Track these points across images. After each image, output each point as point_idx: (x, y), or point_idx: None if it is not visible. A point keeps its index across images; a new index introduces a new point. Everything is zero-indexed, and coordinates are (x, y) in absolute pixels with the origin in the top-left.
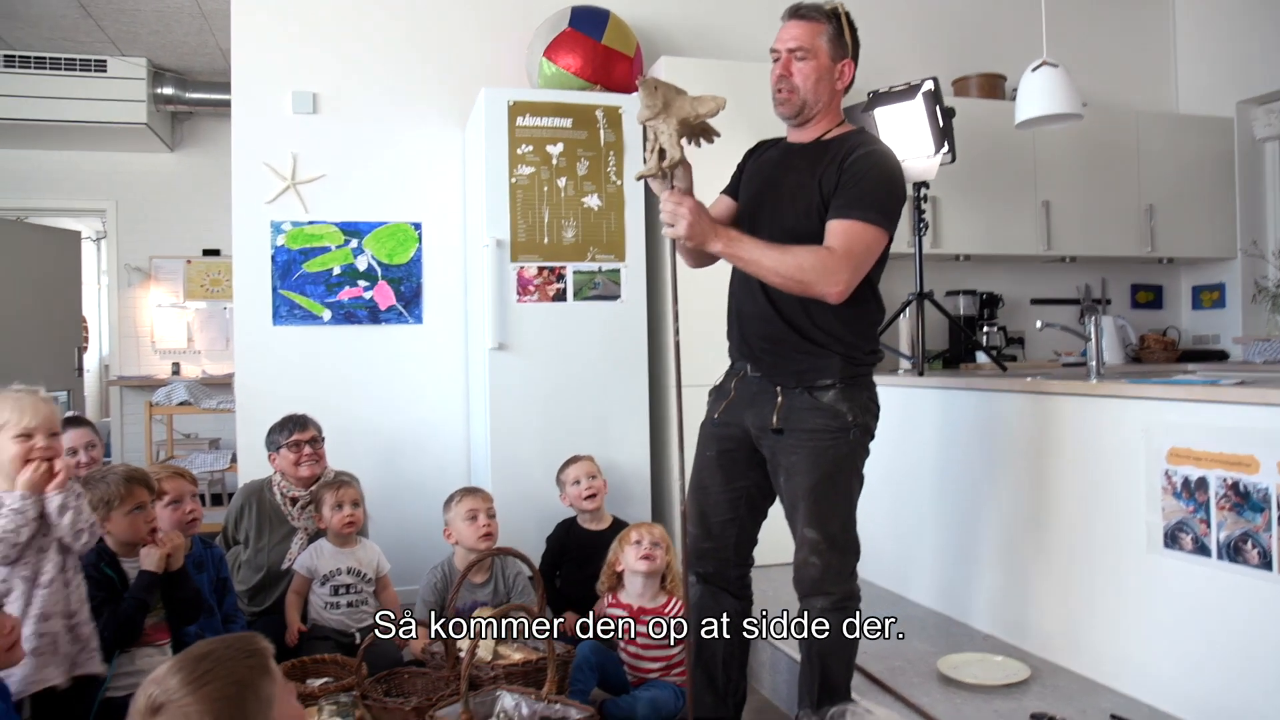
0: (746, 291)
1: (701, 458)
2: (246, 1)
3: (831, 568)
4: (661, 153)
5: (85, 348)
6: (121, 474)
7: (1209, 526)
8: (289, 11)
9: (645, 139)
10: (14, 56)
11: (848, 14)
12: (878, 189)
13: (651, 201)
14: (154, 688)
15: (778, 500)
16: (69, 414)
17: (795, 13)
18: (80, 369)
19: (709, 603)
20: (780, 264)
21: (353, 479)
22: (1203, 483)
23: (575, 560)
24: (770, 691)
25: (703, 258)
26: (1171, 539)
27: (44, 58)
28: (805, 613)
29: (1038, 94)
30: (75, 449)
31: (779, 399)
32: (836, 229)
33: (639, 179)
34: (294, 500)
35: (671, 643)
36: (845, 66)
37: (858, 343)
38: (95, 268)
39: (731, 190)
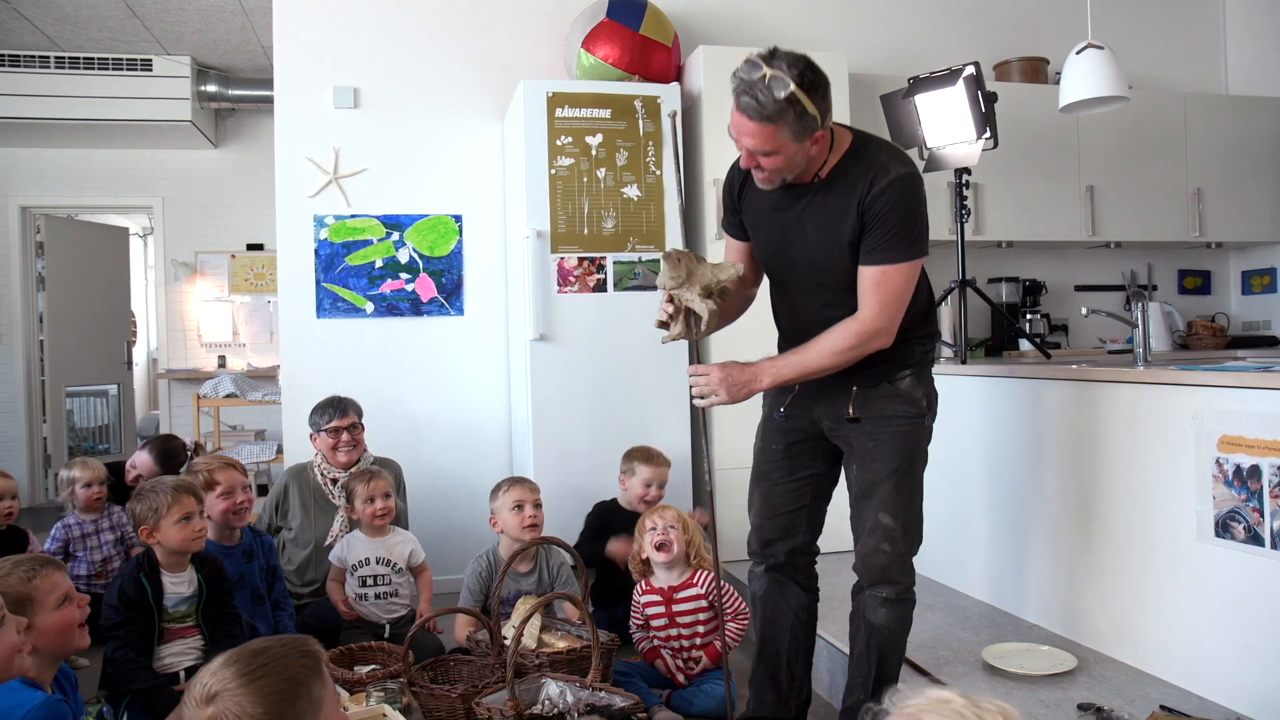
0: (810, 304)
1: (766, 451)
2: None
3: (900, 556)
4: (688, 316)
5: (134, 342)
6: (170, 484)
7: (1262, 515)
8: (329, 8)
9: (672, 306)
10: (64, 58)
11: (802, 82)
12: (903, 223)
13: (690, 193)
14: (209, 678)
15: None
16: None
17: (746, 111)
18: (129, 362)
19: (775, 595)
20: (828, 359)
21: (389, 468)
22: (1255, 471)
23: (621, 534)
24: (813, 678)
25: (726, 319)
26: (1223, 528)
27: (92, 58)
28: (869, 602)
29: (1083, 77)
30: None
31: (854, 390)
32: (869, 279)
33: (665, 342)
34: (334, 480)
35: (706, 618)
36: (818, 137)
37: (925, 327)
38: (142, 263)
39: (731, 228)
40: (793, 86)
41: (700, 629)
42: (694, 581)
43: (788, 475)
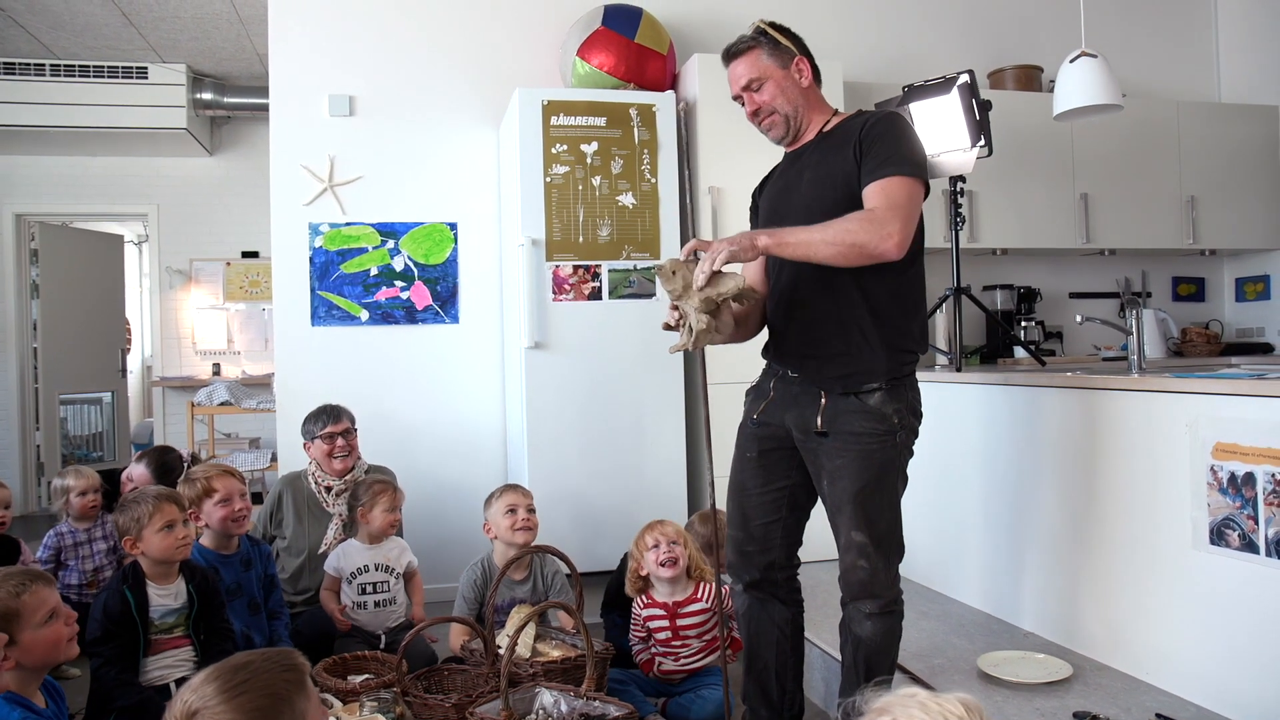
0: (789, 300)
1: (741, 459)
2: (283, 7)
3: (879, 570)
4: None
5: (128, 349)
6: (152, 493)
7: (1256, 523)
8: (325, 16)
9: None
10: (60, 66)
11: (770, 24)
12: (901, 144)
13: (686, 201)
14: (190, 694)
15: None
16: None
17: (728, 55)
18: (124, 370)
19: (758, 613)
20: (827, 234)
21: (391, 475)
22: (1250, 478)
23: None
24: (806, 686)
25: (741, 334)
26: (1217, 535)
27: (88, 66)
28: (854, 616)
29: (1077, 85)
30: None
31: (823, 401)
32: (873, 190)
33: (672, 351)
34: (329, 489)
35: (708, 635)
36: (799, 64)
37: (903, 341)
38: (137, 270)
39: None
40: (762, 24)
41: (707, 638)
42: (698, 596)
43: (762, 485)
